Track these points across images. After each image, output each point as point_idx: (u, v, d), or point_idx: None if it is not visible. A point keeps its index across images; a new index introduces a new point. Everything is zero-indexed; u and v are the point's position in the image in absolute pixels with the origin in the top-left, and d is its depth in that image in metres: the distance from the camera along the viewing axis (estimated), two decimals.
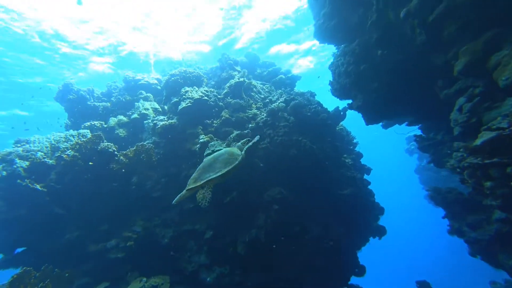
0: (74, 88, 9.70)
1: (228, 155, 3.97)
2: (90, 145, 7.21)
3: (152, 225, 7.59)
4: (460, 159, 4.30)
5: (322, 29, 8.88)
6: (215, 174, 3.66)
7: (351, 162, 11.72)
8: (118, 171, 7.30)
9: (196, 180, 3.74)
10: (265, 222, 7.33)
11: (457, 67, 5.46)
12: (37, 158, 7.06)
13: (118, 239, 7.21)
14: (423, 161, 21.84)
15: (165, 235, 7.49)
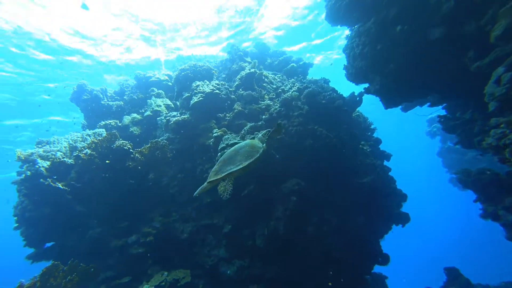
0: (88, 88, 9.89)
1: (249, 148, 3.91)
2: (105, 144, 7.33)
3: (171, 221, 7.69)
4: (501, 136, 3.89)
5: (334, 10, 8.40)
6: (236, 167, 3.63)
7: (370, 149, 11.26)
8: (134, 168, 7.40)
9: (217, 173, 3.73)
10: (284, 214, 7.20)
11: (494, 32, 4.81)
12: (56, 157, 7.29)
13: (138, 235, 7.36)
14: (447, 143, 20.76)
15: (184, 230, 7.57)
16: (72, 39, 13.92)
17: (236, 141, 6.84)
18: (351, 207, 8.52)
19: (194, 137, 8.48)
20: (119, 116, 9.57)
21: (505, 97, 4.54)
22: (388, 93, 7.93)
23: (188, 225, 7.83)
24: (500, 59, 5.00)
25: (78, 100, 10.01)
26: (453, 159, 19.66)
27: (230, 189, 3.47)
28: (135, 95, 9.98)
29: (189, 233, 7.68)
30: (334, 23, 8.97)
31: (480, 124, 7.43)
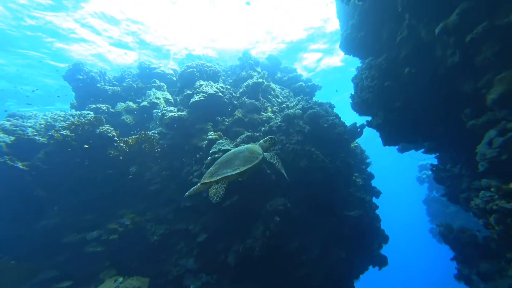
0: (85, 69, 9.53)
1: (248, 153, 3.78)
2: (88, 127, 6.84)
3: (143, 220, 7.19)
4: (488, 200, 3.73)
5: (349, 40, 8.47)
6: (233, 171, 3.46)
7: (362, 182, 11.11)
8: (116, 158, 6.97)
9: (212, 175, 3.52)
10: (263, 234, 6.82)
11: (491, 95, 4.91)
12: (25, 134, 6.66)
13: (101, 231, 6.68)
14: (433, 192, 20.92)
15: (155, 231, 7.07)
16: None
17: (229, 148, 6.56)
18: (334, 239, 8.20)
19: (187, 136, 8.17)
20: (114, 102, 9.18)
21: (495, 160, 4.58)
22: (389, 130, 7.85)
23: (161, 227, 7.34)
24: (492, 122, 5.17)
25: (71, 79, 9.55)
26: (436, 210, 19.74)
27: (221, 192, 3.29)
28: (135, 83, 9.66)
29: (160, 236, 7.18)
30: (347, 52, 9.03)
31: (467, 181, 7.42)
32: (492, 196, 3.71)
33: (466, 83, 5.91)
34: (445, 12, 5.24)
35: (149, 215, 7.38)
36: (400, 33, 6.84)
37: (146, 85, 9.75)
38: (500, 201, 3.44)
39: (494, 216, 3.94)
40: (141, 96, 9.20)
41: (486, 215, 4.17)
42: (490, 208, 3.71)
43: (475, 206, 3.97)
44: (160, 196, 7.85)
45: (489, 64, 4.99)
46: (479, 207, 3.87)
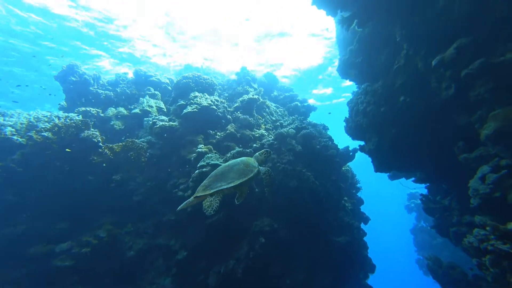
0: (79, 71, 9.31)
1: (243, 166, 3.72)
2: (72, 130, 6.54)
3: (122, 232, 6.76)
4: (483, 239, 3.60)
5: (346, 65, 8.61)
6: (227, 185, 3.38)
7: (351, 207, 10.94)
8: (99, 164, 6.64)
9: (206, 188, 3.41)
10: (247, 255, 6.49)
11: (485, 131, 4.93)
12: (2, 132, 6.26)
13: (73, 243, 6.13)
14: (421, 222, 20.79)
15: (133, 246, 6.63)
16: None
17: (218, 163, 6.35)
18: (320, 265, 7.88)
19: (177, 147, 7.95)
20: (106, 106, 8.93)
21: (488, 197, 4.53)
22: (382, 157, 7.81)
23: (140, 241, 6.93)
24: (485, 157, 5.19)
25: (64, 80, 9.29)
26: (424, 240, 19.50)
27: (216, 205, 3.20)
28: (129, 89, 9.48)
29: (138, 251, 6.74)
30: (344, 76, 9.17)
31: (457, 214, 7.34)
32: (487, 235, 3.57)
33: (460, 116, 5.97)
34: (443, 46, 5.36)
35: (129, 227, 6.96)
36: (397, 62, 6.98)
37: (140, 92, 9.58)
38: (496, 242, 3.29)
39: (489, 257, 3.77)
40: (134, 103, 9.00)
41: (480, 255, 4.00)
42: (484, 248, 3.56)
43: (468, 244, 3.82)
44: (143, 208, 7.48)
45: (482, 100, 5.05)
46: (472, 245, 3.72)
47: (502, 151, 4.72)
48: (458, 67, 5.08)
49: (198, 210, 6.88)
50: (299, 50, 16.53)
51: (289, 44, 16.11)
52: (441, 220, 7.88)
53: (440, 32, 5.48)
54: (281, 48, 16.28)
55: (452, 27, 5.24)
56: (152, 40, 14.86)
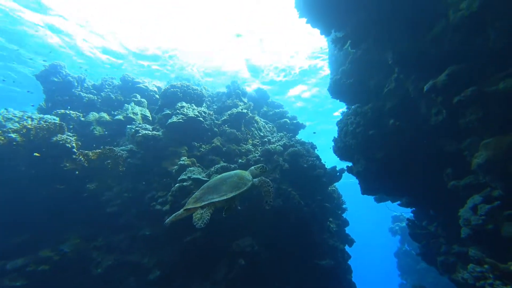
0: (63, 72, 8.91)
1: (237, 179, 3.62)
2: (43, 133, 6.06)
3: (91, 247, 6.20)
4: (479, 277, 3.41)
5: (338, 85, 8.64)
6: (219, 198, 3.29)
7: (336, 228, 10.70)
8: (71, 172, 6.17)
9: (197, 201, 3.32)
10: (225, 278, 6.06)
11: (477, 160, 4.88)
12: None
13: (29, 259, 5.46)
14: (404, 245, 20.69)
15: (101, 263, 6.06)
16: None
17: (199, 177, 6.03)
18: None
19: (159, 158, 7.58)
20: (88, 111, 8.45)
21: (480, 228, 4.42)
22: (369, 180, 7.70)
23: (110, 257, 6.37)
24: (474, 186, 5.15)
25: (45, 80, 8.84)
26: (407, 264, 19.31)
27: (207, 218, 3.08)
28: (114, 94, 9.11)
29: (106, 268, 6.18)
30: (334, 96, 9.18)
31: (445, 243, 7.23)
32: (484, 273, 3.38)
33: (449, 143, 5.95)
34: (434, 72, 5.38)
35: (100, 241, 6.41)
36: (388, 85, 7.02)
37: (126, 98, 9.23)
38: (495, 282, 3.10)
39: None
40: (119, 109, 8.62)
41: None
42: (481, 286, 3.36)
43: (462, 280, 3.63)
44: (117, 221, 6.97)
45: (472, 128, 5.03)
46: (467, 282, 3.53)
47: (493, 181, 4.65)
48: (449, 94, 5.09)
49: (177, 226, 6.47)
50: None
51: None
52: (427, 248, 7.72)
53: (432, 58, 5.54)
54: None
55: (444, 54, 5.30)
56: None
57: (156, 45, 14.85)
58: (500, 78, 4.61)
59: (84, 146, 7.24)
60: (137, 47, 14.55)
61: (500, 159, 4.50)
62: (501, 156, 4.49)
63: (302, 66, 17.12)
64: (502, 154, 4.50)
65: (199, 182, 5.99)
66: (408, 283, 19.57)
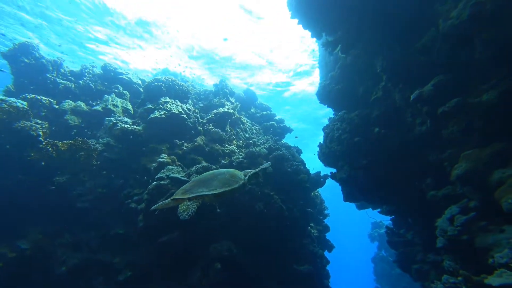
0: (36, 53, 8.17)
1: (229, 176, 3.60)
2: (3, 118, 5.54)
3: (56, 244, 5.73)
4: (452, 287, 3.38)
5: (326, 90, 8.63)
6: (209, 192, 3.24)
7: (317, 234, 10.69)
8: (36, 162, 5.68)
9: (185, 192, 3.26)
10: (199, 282, 5.79)
11: (456, 171, 4.94)
12: None
13: None
14: (382, 251, 21.12)
15: (66, 261, 5.60)
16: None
17: (178, 176, 5.76)
18: None
19: (138, 153, 7.22)
20: (63, 98, 7.84)
21: (455, 239, 4.48)
22: (352, 187, 7.69)
23: (77, 255, 5.94)
24: (452, 197, 5.24)
25: (13, 59, 8.03)
26: (383, 269, 19.73)
27: (192, 210, 2.98)
28: (93, 83, 8.56)
29: (72, 267, 5.73)
30: (322, 102, 9.17)
31: (421, 251, 7.33)
32: (457, 284, 3.35)
33: (431, 153, 6.02)
34: (421, 81, 5.41)
35: (66, 238, 5.95)
36: (375, 93, 7.05)
37: (107, 89, 8.71)
38: None
39: None
40: (98, 100, 8.11)
41: None
42: None
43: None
44: (88, 217, 6.54)
45: (454, 139, 5.09)
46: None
47: (471, 192, 4.71)
48: (434, 104, 5.13)
49: (151, 227, 6.14)
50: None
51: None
52: (403, 256, 7.81)
53: (420, 67, 5.59)
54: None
55: (432, 64, 5.35)
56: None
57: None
58: (484, 90, 4.69)
59: (57, 136, 6.75)
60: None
61: (479, 171, 4.56)
62: (481, 167, 4.55)
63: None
64: (481, 165, 4.56)
65: (178, 181, 5.72)
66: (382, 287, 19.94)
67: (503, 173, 4.20)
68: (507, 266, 2.66)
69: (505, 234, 4.01)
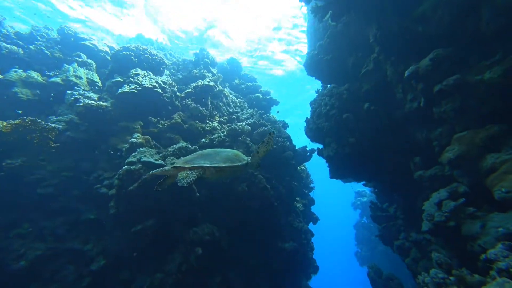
0: None
1: (232, 154, 3.59)
2: None
3: (13, 235, 5.18)
4: (440, 283, 3.24)
5: (314, 61, 7.93)
6: (211, 164, 3.21)
7: (302, 208, 10.71)
8: None
9: (187, 162, 3.24)
10: (179, 269, 5.58)
11: (448, 154, 4.66)
12: None
13: None
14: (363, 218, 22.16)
15: (25, 254, 5.09)
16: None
17: (151, 160, 5.21)
18: (262, 273, 7.37)
19: (107, 133, 6.52)
20: (9, 66, 6.57)
21: (441, 225, 4.33)
22: (339, 165, 7.43)
23: (40, 246, 5.45)
24: (439, 178, 5.07)
25: None
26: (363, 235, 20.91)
27: (191, 179, 2.94)
28: (49, 50, 7.31)
29: (33, 260, 5.22)
30: (310, 73, 8.51)
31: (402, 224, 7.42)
32: (445, 279, 3.19)
33: (419, 131, 5.75)
34: (416, 55, 4.90)
35: (25, 227, 5.40)
36: (366, 65, 6.48)
37: (67, 57, 7.53)
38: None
39: None
40: (56, 70, 7.00)
41: None
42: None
43: (422, 283, 3.48)
44: (53, 203, 5.98)
45: (446, 118, 4.75)
46: (427, 286, 3.36)
47: (460, 176, 4.50)
48: (431, 81, 4.67)
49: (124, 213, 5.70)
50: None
51: None
52: (386, 231, 7.93)
53: (416, 39, 5.02)
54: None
55: (429, 36, 4.79)
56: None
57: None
58: (486, 66, 4.23)
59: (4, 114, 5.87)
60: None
61: (472, 155, 4.30)
62: (474, 152, 4.28)
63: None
64: (475, 150, 4.29)
65: (151, 166, 5.18)
66: (362, 251, 21.18)
67: (497, 158, 3.93)
68: (508, 272, 2.41)
69: (493, 223, 3.85)
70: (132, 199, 5.32)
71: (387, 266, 15.75)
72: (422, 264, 5.96)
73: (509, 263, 2.53)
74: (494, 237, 3.56)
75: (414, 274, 6.35)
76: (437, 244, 5.22)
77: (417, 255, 6.25)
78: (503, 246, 2.93)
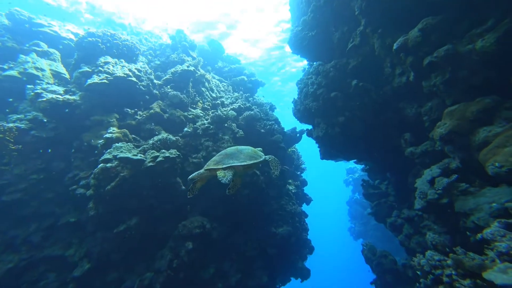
0: None
1: (252, 151, 3.84)
2: None
3: None
4: (436, 265, 3.13)
5: (298, 38, 7.47)
6: (239, 163, 3.45)
7: (295, 190, 10.63)
8: None
9: (217, 163, 3.45)
10: (169, 266, 5.37)
11: (440, 129, 4.45)
12: None
13: None
14: (356, 194, 22.60)
15: None
16: None
17: (129, 156, 4.81)
18: (257, 260, 7.31)
19: (78, 129, 6.00)
20: None
21: (434, 202, 4.29)
22: (329, 146, 7.22)
23: (12, 257, 5.09)
24: (430, 153, 5.00)
25: None
26: (357, 211, 21.41)
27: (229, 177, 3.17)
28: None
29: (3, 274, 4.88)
30: (295, 51, 8.06)
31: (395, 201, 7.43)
32: (441, 261, 3.08)
33: (409, 106, 5.56)
34: (404, 26, 4.56)
35: None
36: (352, 40, 6.11)
37: (22, 46, 6.70)
38: (456, 279, 2.76)
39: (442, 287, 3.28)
40: (11, 62, 6.23)
41: (429, 277, 3.54)
42: (438, 275, 3.08)
43: (417, 265, 3.39)
44: (23, 210, 5.54)
45: (436, 92, 4.52)
46: (423, 268, 3.27)
47: (452, 151, 4.32)
48: (421, 53, 4.37)
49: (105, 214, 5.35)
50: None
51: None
52: (378, 208, 7.93)
53: (403, 8, 4.65)
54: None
55: (417, 4, 4.43)
56: None
57: None
58: (478, 34, 3.93)
59: None
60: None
61: (464, 130, 4.11)
62: (466, 126, 4.09)
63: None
64: (467, 124, 4.10)
65: (130, 162, 4.78)
66: (355, 226, 21.69)
67: (489, 131, 3.73)
68: (508, 255, 2.26)
69: (486, 198, 3.76)
70: (112, 199, 4.96)
71: (380, 238, 16.22)
72: (415, 240, 5.98)
73: (509, 244, 2.38)
74: (488, 213, 3.46)
75: (407, 250, 6.43)
76: (429, 220, 5.19)
77: (410, 231, 6.26)
78: (499, 225, 2.80)
